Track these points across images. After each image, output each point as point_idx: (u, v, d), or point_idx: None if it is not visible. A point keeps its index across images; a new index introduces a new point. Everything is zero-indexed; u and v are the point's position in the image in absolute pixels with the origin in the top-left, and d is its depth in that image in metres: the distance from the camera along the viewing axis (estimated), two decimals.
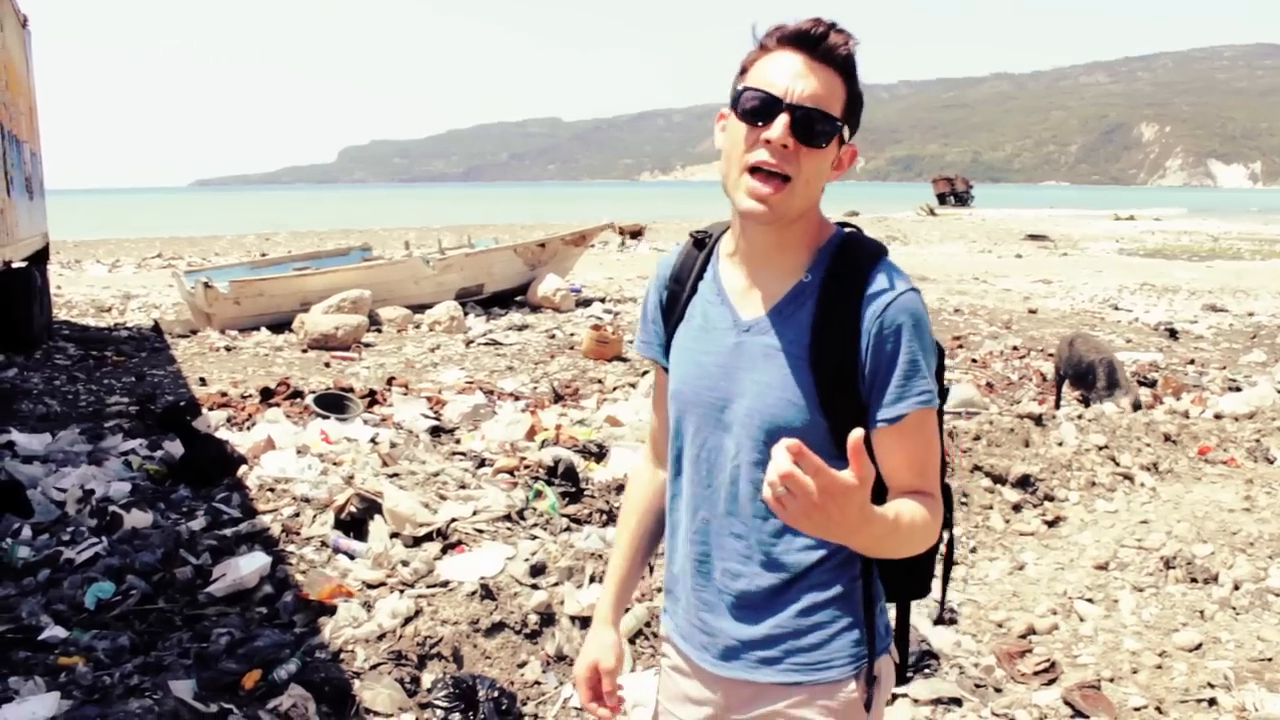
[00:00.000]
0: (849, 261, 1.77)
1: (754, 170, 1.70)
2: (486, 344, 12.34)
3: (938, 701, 4.18)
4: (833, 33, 1.69)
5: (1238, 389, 10.39)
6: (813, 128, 1.69)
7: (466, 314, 14.20)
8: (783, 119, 1.67)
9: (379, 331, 13.18)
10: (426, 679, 3.96)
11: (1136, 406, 8.78)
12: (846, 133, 1.75)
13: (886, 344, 1.71)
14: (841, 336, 1.73)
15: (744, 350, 1.80)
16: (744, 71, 1.76)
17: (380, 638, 4.10)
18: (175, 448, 6.33)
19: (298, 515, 5.23)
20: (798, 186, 1.71)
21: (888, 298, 1.72)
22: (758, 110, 1.70)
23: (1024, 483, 6.84)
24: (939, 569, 2.00)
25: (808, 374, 1.74)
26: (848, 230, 1.85)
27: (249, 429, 7.22)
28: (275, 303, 13.31)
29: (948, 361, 11.60)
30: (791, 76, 1.68)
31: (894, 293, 1.73)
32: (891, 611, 1.99)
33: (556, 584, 4.61)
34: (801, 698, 1.82)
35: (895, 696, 4.15)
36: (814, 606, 1.82)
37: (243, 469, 5.94)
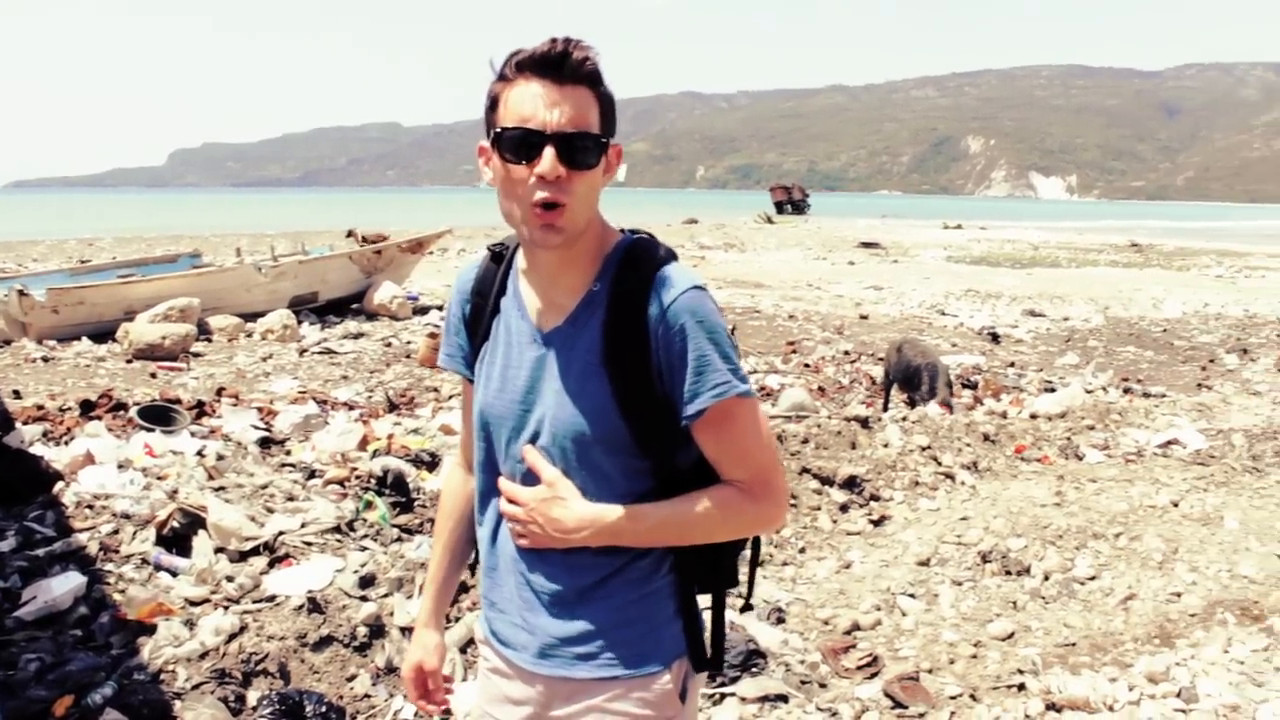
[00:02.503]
0: (634, 268, 1.82)
1: (536, 205, 1.73)
2: (321, 353, 12.09)
3: (764, 699, 4.28)
4: (573, 50, 1.70)
5: (1052, 390, 10.93)
6: (580, 152, 1.72)
7: (300, 322, 13.90)
8: (549, 152, 1.69)
9: (209, 341, 12.79)
10: (252, 696, 3.88)
11: (949, 409, 9.13)
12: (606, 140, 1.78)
13: (674, 344, 1.77)
14: (632, 342, 1.78)
15: (544, 362, 1.85)
16: (494, 106, 1.77)
17: (203, 656, 3.99)
18: None
19: (117, 532, 5.04)
20: (576, 207, 1.74)
21: (669, 299, 1.77)
22: (522, 148, 1.71)
23: (851, 484, 7.04)
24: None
25: (604, 381, 1.79)
26: (636, 236, 1.89)
27: (67, 444, 6.91)
28: (97, 311, 12.77)
29: (781, 366, 11.97)
30: (545, 106, 1.70)
31: (675, 293, 1.78)
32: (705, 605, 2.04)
33: (387, 595, 4.57)
34: (618, 691, 1.87)
35: (723, 696, 4.24)
36: (628, 603, 1.88)
37: (59, 486, 5.69)
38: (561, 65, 1.70)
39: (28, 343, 11.98)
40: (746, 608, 2.25)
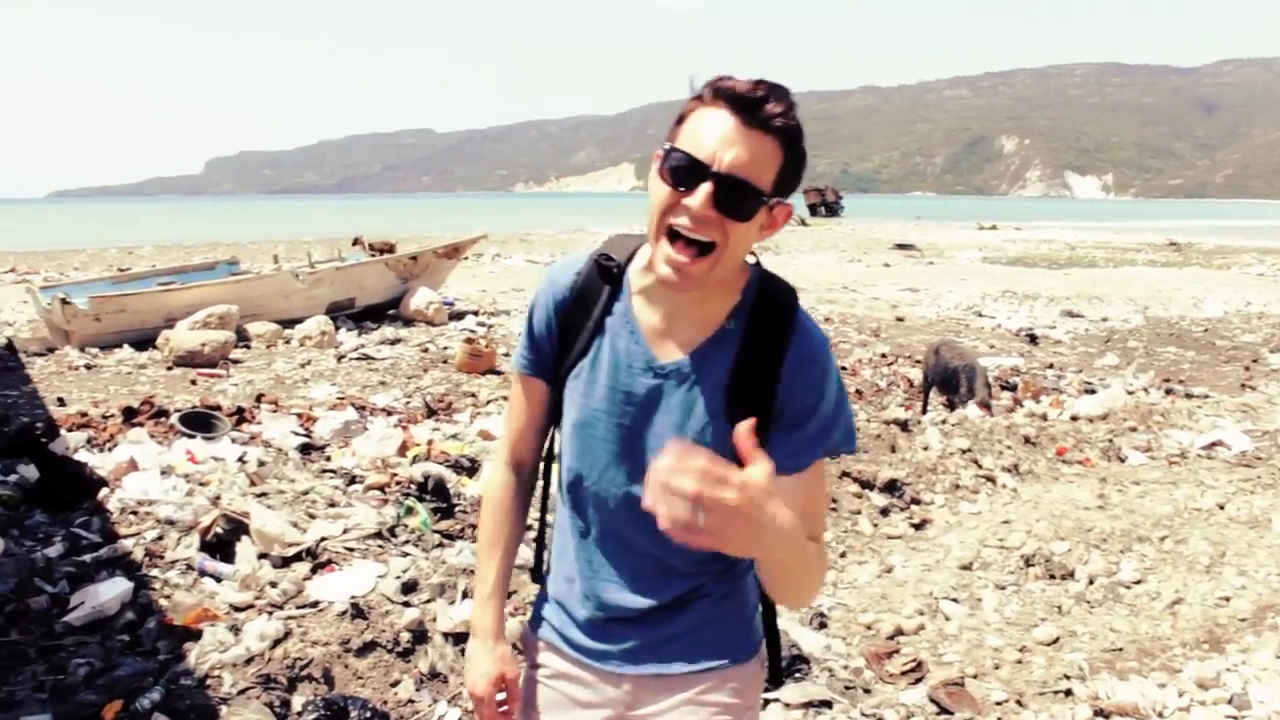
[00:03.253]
0: (771, 310, 1.78)
1: (674, 236, 1.66)
2: (358, 359, 12.15)
3: (809, 705, 4.26)
4: (772, 99, 1.62)
5: (1092, 391, 10.81)
6: (736, 201, 1.63)
7: (338, 328, 13.96)
8: (705, 188, 1.61)
9: (247, 347, 12.87)
10: (297, 702, 3.89)
11: (989, 411, 9.06)
12: (775, 200, 1.68)
13: (805, 396, 1.75)
14: (761, 385, 1.74)
15: (660, 393, 1.79)
16: (680, 120, 1.68)
17: (248, 661, 4.01)
18: (30, 471, 6.10)
19: (161, 538, 5.09)
20: (722, 256, 1.67)
21: (808, 351, 1.76)
22: (682, 174, 1.63)
23: (891, 487, 7.01)
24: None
25: (724, 421, 1.73)
26: (764, 271, 1.83)
27: (110, 450, 6.99)
28: (138, 319, 12.90)
29: None
30: (722, 142, 1.61)
31: (814, 346, 1.77)
32: None
33: (429, 601, 4.58)
34: (712, 682, 1.90)
35: (767, 701, 4.22)
36: (719, 600, 1.90)
37: (103, 492, 5.75)
38: (756, 108, 1.61)
39: (71, 350, 12.12)
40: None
